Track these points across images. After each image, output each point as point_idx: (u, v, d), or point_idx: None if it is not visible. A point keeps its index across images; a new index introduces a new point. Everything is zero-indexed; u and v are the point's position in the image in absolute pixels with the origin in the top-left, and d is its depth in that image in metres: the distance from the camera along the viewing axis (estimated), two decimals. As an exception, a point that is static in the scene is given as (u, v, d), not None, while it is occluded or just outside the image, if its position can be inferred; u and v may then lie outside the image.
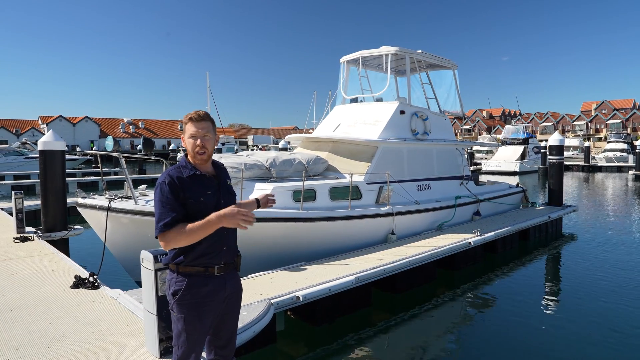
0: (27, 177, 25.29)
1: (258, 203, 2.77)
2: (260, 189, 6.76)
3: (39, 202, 12.72)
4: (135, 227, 5.53)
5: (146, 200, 5.89)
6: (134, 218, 5.52)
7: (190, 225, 2.29)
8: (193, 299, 2.40)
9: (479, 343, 5.36)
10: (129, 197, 5.92)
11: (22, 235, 8.01)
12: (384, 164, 8.47)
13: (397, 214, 7.97)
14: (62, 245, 8.24)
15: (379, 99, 9.90)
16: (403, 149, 9.05)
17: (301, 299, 5.19)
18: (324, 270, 6.21)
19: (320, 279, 5.78)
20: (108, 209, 5.47)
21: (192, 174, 2.45)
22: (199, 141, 2.43)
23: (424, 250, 7.20)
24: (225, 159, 7.16)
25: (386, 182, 8.22)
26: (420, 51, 10.17)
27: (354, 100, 10.43)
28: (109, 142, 6.12)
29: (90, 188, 22.91)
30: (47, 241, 7.89)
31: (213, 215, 2.28)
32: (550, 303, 6.64)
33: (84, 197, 5.89)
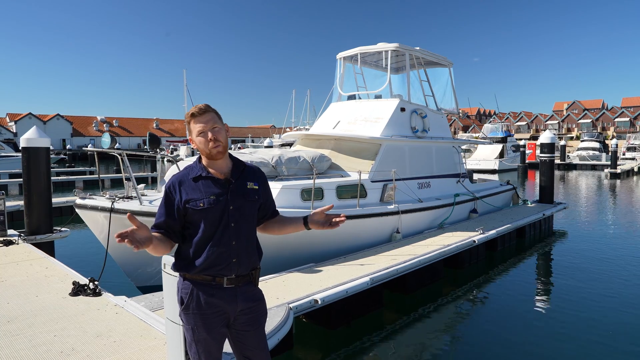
0: (-3, 176, 24.10)
1: (305, 222, 2.38)
2: None
3: (15, 203, 12.16)
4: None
5: (150, 200, 5.52)
6: (139, 219, 5.13)
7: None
8: (198, 308, 2.21)
9: (490, 340, 5.27)
10: (129, 197, 5.54)
11: (5, 238, 7.46)
12: (387, 162, 8.31)
13: (403, 212, 7.82)
14: (48, 249, 7.72)
15: (379, 96, 9.74)
16: (405, 147, 8.92)
17: (319, 302, 4.95)
18: (336, 271, 5.99)
19: (335, 280, 5.56)
20: (111, 210, 5.09)
21: (197, 175, 2.24)
22: (209, 135, 2.19)
23: (432, 249, 7.07)
24: None
25: (389, 180, 8.06)
26: (418, 48, 10.06)
27: (351, 97, 10.24)
28: (106, 140, 5.69)
29: (66, 188, 22.02)
30: (32, 244, 7.38)
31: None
32: (553, 299, 6.63)
33: (83, 198, 5.47)
